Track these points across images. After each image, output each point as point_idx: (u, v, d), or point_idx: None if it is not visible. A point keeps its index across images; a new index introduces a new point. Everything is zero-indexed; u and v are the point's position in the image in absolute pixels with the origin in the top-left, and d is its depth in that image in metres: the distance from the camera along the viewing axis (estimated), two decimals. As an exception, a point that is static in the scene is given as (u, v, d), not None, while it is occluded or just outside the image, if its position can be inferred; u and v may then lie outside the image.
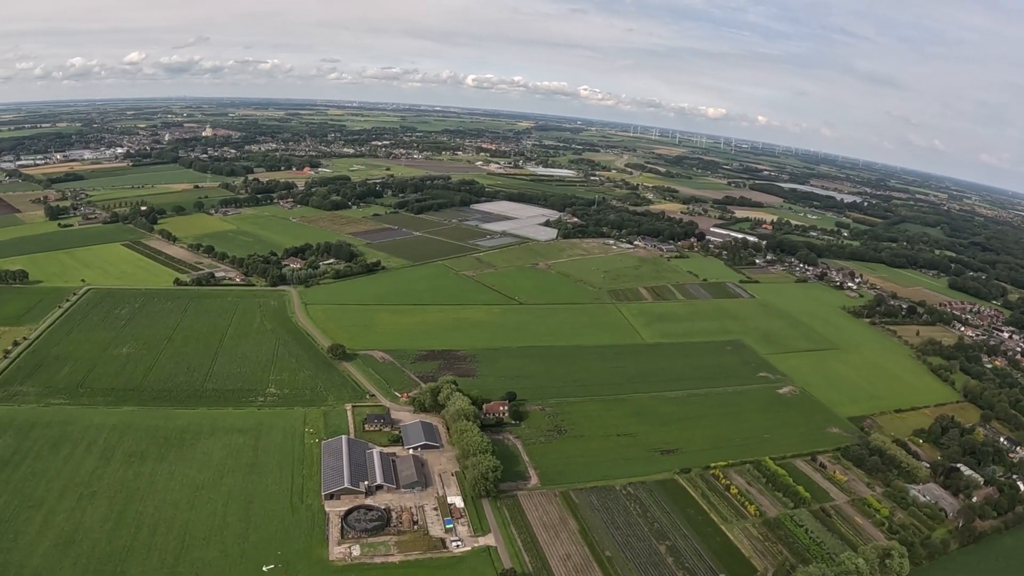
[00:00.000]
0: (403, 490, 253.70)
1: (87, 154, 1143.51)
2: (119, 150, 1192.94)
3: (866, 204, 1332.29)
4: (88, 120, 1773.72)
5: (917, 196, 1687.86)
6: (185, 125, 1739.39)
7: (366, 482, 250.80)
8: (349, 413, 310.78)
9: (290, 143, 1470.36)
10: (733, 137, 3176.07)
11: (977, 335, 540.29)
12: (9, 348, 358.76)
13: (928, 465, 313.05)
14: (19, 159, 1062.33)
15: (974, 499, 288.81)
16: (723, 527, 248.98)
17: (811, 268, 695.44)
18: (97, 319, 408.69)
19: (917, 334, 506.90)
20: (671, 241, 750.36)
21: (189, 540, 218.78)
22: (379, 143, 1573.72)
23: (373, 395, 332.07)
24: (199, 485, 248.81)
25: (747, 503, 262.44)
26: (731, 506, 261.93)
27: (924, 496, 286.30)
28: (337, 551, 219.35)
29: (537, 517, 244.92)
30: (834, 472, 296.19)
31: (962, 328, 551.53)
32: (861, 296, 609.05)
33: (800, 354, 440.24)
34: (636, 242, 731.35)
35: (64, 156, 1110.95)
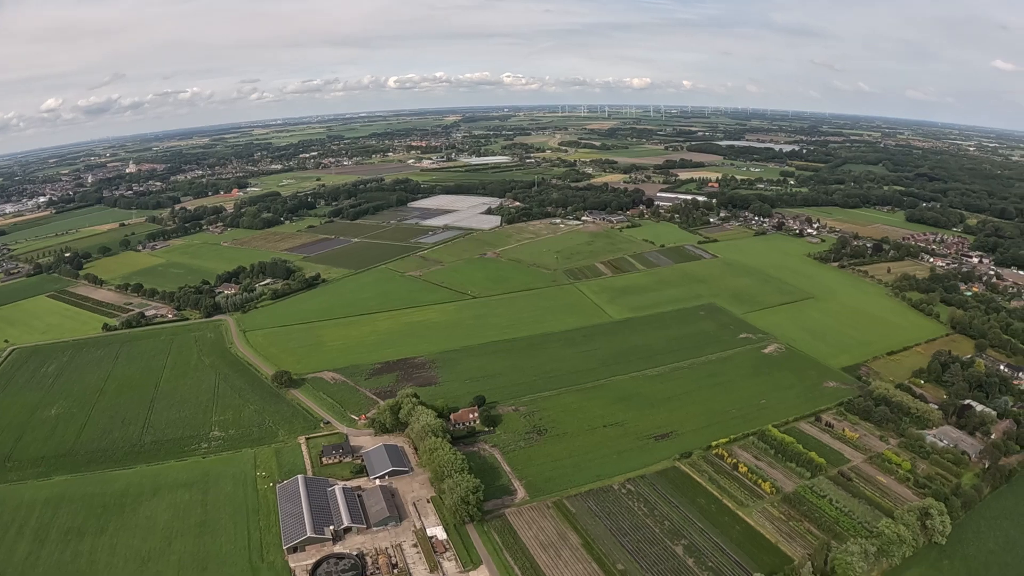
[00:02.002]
0: (375, 529, 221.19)
1: (8, 208, 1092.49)
2: (41, 199, 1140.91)
3: (805, 151, 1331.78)
4: (10, 174, 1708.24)
5: (852, 138, 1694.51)
6: (109, 165, 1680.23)
7: (332, 527, 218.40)
8: (304, 447, 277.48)
9: (216, 167, 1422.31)
10: (662, 104, 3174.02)
11: (947, 264, 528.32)
12: None
13: (937, 406, 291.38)
14: None
15: (993, 436, 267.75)
16: (740, 512, 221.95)
17: (767, 220, 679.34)
18: (23, 380, 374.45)
19: (888, 271, 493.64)
20: (619, 212, 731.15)
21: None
22: (307, 155, 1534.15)
23: (328, 422, 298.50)
24: (145, 556, 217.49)
25: (760, 480, 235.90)
26: (743, 487, 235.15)
27: (941, 441, 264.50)
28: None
29: (532, 536, 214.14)
30: (843, 430, 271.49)
31: (931, 259, 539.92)
32: (823, 241, 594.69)
33: (776, 309, 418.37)
34: (584, 217, 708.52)
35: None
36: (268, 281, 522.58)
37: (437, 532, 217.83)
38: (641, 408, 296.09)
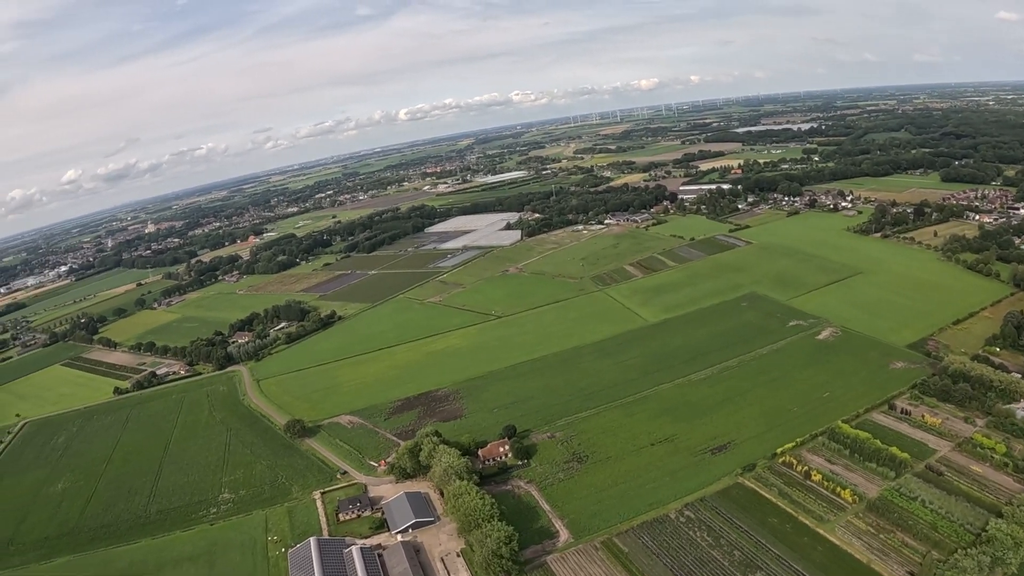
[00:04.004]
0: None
1: (30, 280, 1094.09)
2: (62, 268, 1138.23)
3: (824, 127, 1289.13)
4: (34, 248, 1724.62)
5: (868, 109, 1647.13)
6: (129, 228, 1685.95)
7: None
8: (319, 503, 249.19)
9: (233, 217, 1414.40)
10: (672, 102, 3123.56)
11: (995, 219, 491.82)
12: None
13: (1021, 375, 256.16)
14: None
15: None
16: (821, 530, 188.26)
17: (797, 199, 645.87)
18: (32, 456, 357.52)
19: (935, 235, 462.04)
20: (643, 210, 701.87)
21: None
22: (322, 195, 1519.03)
23: (345, 472, 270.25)
24: None
25: (838, 488, 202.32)
26: (820, 498, 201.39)
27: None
28: None
29: None
30: (922, 416, 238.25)
31: (977, 217, 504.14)
32: (860, 212, 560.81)
33: (823, 290, 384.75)
34: (607, 221, 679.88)
35: (7, 289, 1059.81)
36: (282, 325, 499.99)
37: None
38: (691, 418, 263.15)
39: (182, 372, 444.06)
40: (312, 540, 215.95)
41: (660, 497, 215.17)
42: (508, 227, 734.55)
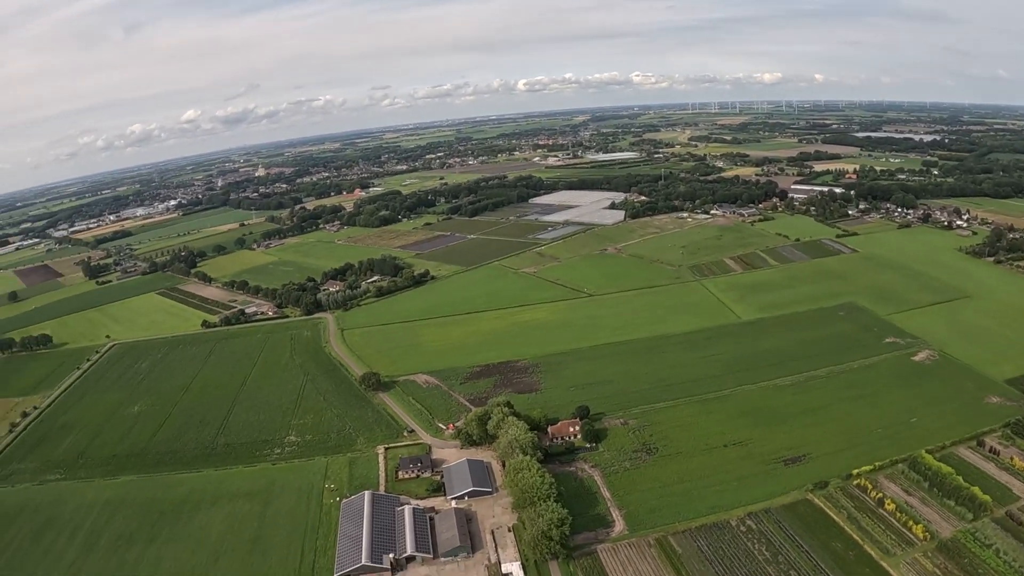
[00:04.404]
0: (443, 560, 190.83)
1: (140, 211, 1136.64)
2: (172, 203, 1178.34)
3: (947, 141, 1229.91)
4: (148, 180, 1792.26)
5: (995, 127, 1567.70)
6: (240, 170, 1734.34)
7: (392, 555, 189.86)
8: (381, 458, 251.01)
9: (342, 169, 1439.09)
10: (794, 99, 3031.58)
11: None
12: (17, 421, 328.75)
13: None
14: (72, 225, 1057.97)
15: None
16: (885, 563, 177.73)
17: (911, 211, 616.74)
18: (114, 377, 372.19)
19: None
20: (751, 204, 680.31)
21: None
22: (433, 156, 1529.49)
23: (412, 430, 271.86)
24: (188, 573, 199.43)
25: (910, 522, 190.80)
26: (890, 530, 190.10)
27: None
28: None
29: None
30: (1011, 458, 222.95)
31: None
32: (975, 233, 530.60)
33: (926, 309, 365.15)
34: (713, 211, 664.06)
35: (117, 217, 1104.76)
36: (375, 278, 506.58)
37: (514, 569, 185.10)
38: (769, 424, 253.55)
39: (270, 313, 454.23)
40: (367, 493, 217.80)
41: (724, 502, 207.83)
42: (612, 206, 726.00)
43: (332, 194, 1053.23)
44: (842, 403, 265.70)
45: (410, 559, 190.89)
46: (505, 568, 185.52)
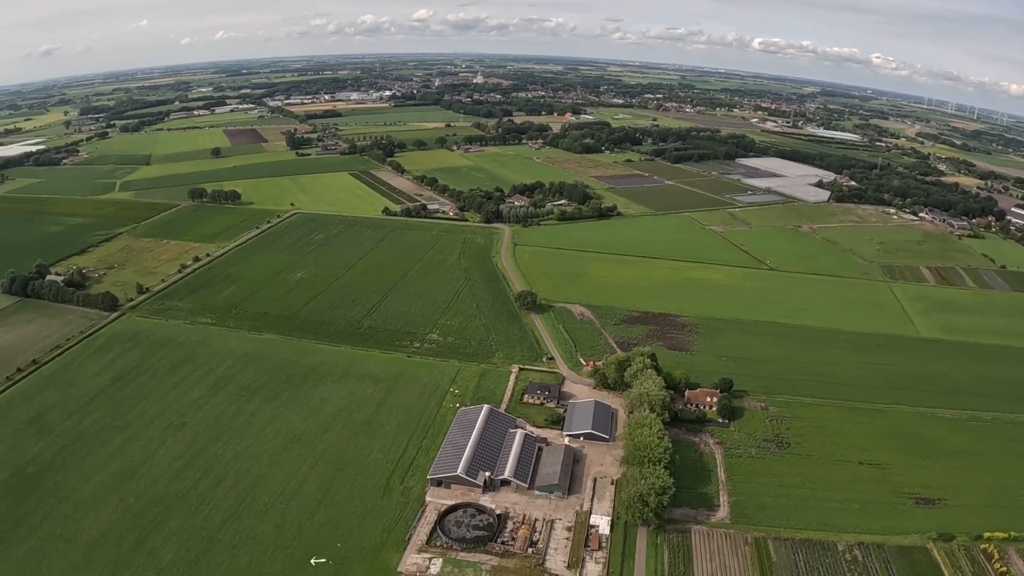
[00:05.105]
0: (537, 493, 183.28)
1: (354, 96, 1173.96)
2: (387, 93, 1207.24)
3: None
4: (369, 69, 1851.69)
5: None
6: (460, 75, 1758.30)
7: (489, 473, 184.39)
8: (512, 376, 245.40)
9: (559, 92, 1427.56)
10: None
11: None
12: (188, 264, 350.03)
13: None
14: (288, 98, 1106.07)
15: None
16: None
17: None
18: (287, 243, 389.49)
19: None
20: (963, 217, 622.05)
21: (249, 502, 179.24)
22: (651, 96, 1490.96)
23: (552, 358, 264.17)
24: (295, 436, 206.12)
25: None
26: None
27: None
28: (411, 562, 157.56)
29: (709, 570, 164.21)
30: None
31: None
32: None
33: None
34: (921, 214, 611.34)
35: (332, 97, 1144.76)
36: (562, 202, 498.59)
37: (601, 523, 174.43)
38: (913, 453, 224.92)
39: (451, 214, 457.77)
40: (486, 407, 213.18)
41: (838, 522, 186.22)
42: (819, 184, 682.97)
43: (543, 113, 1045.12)
44: (1000, 455, 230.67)
45: (505, 482, 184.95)
46: (593, 520, 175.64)
